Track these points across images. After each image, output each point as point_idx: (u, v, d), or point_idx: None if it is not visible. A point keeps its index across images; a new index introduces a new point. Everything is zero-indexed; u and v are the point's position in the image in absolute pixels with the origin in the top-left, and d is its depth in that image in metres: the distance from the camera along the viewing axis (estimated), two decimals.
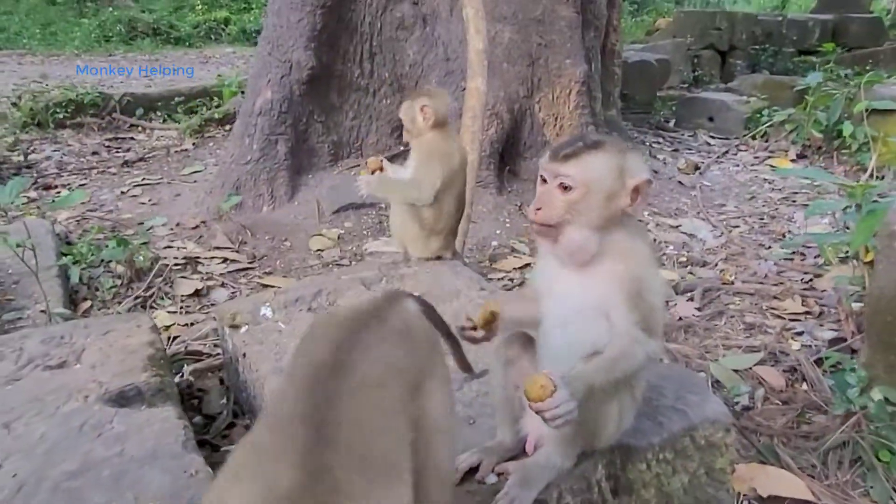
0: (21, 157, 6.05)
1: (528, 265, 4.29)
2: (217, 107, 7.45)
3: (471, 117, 4.20)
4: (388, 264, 3.09)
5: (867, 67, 7.06)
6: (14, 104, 7.00)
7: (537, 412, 1.46)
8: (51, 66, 10.56)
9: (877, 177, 5.36)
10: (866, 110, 5.66)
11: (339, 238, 4.69)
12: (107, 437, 1.90)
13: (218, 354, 3.20)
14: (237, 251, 4.44)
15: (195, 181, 5.68)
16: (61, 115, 7.00)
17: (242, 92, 7.82)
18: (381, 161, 3.10)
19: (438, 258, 3.14)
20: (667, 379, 1.93)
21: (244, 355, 2.50)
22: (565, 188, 1.58)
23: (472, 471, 1.74)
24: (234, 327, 2.68)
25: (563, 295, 1.65)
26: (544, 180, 1.63)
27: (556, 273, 1.67)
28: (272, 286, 3.80)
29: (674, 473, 1.74)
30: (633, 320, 1.55)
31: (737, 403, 2.88)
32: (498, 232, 4.86)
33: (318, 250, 4.52)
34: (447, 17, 5.57)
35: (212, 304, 3.81)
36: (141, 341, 2.47)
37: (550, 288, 1.69)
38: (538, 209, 1.60)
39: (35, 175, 5.72)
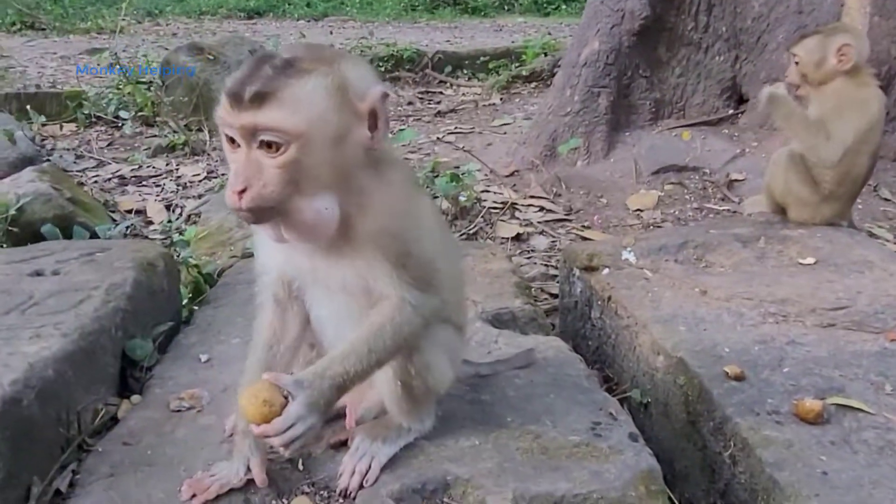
0: None
1: None
2: (519, 66, 7.43)
3: None
4: (763, 223, 2.64)
5: None
6: None
7: (262, 437, 1.12)
8: (367, 29, 11.53)
9: None
10: None
11: (659, 200, 4.29)
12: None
13: (545, 299, 3.05)
14: (552, 202, 4.28)
15: (504, 132, 5.67)
16: (382, 69, 7.48)
17: (545, 53, 7.78)
18: None
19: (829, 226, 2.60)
20: None
21: (609, 299, 2.25)
22: (271, 146, 1.06)
23: None
24: (590, 269, 2.45)
25: (317, 280, 1.24)
26: (233, 141, 1.10)
27: (297, 254, 1.23)
28: (591, 239, 3.59)
29: None
30: (404, 281, 1.23)
31: None
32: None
33: (638, 210, 4.18)
34: None
35: (532, 250, 3.69)
36: (502, 268, 2.35)
37: (300, 274, 1.27)
38: (241, 191, 1.08)
39: None
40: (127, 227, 3.71)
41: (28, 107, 5.52)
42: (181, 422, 1.51)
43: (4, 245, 3.15)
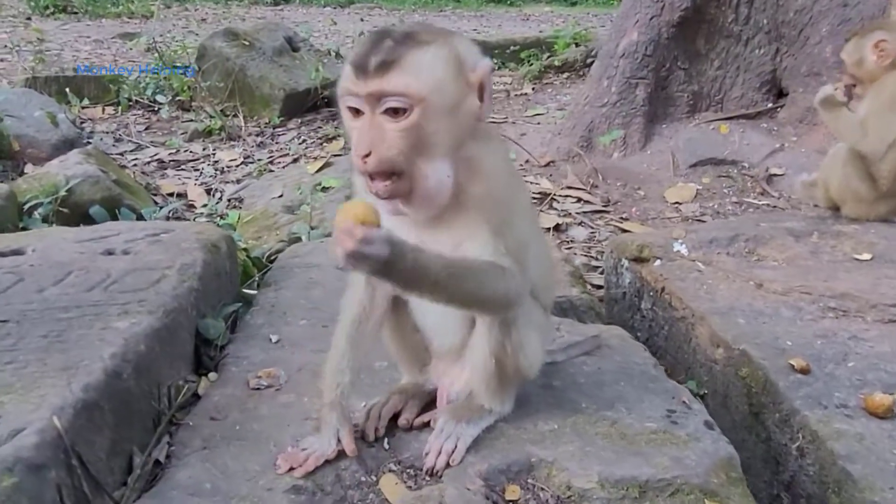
0: None
1: None
2: (550, 56, 7.39)
3: None
4: (815, 218, 2.64)
5: None
6: None
7: (343, 233, 1.09)
8: (395, 17, 11.53)
9: None
10: None
11: (697, 193, 4.29)
12: None
13: (588, 291, 3.06)
14: (589, 193, 4.29)
15: (538, 123, 5.66)
16: None
17: (577, 43, 7.73)
18: None
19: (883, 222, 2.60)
20: None
21: (662, 290, 2.27)
22: (396, 112, 1.12)
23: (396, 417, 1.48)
24: (640, 260, 2.47)
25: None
26: (356, 111, 1.16)
27: (403, 229, 1.24)
28: (631, 231, 3.59)
29: None
30: (500, 251, 1.25)
31: None
32: None
33: (676, 203, 4.18)
34: None
35: (571, 241, 3.71)
36: (554, 257, 2.37)
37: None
38: (366, 155, 1.13)
39: None
40: (170, 211, 3.77)
41: (67, 89, 5.60)
42: (262, 399, 1.56)
43: (54, 225, 3.21)
